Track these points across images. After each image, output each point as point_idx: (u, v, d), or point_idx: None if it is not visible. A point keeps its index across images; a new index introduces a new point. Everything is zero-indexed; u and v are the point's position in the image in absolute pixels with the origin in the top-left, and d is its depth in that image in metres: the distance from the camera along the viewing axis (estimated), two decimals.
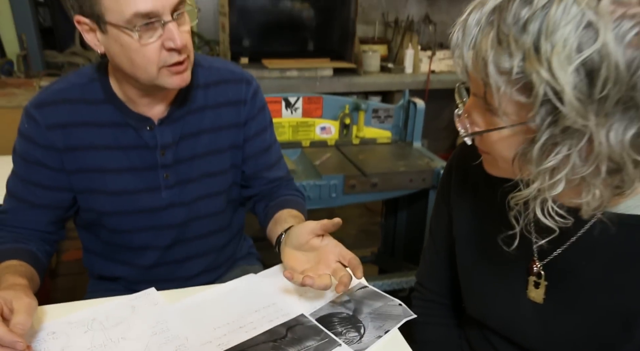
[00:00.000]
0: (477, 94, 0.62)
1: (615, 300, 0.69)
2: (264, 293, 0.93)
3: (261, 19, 3.17)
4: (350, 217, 3.23)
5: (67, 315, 0.87)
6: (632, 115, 0.52)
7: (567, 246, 0.72)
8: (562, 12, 0.50)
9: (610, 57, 0.49)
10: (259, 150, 1.11)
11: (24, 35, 3.01)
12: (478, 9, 0.57)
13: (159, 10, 0.81)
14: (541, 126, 0.55)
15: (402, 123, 2.18)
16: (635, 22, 0.50)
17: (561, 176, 0.56)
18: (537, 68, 0.52)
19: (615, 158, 0.54)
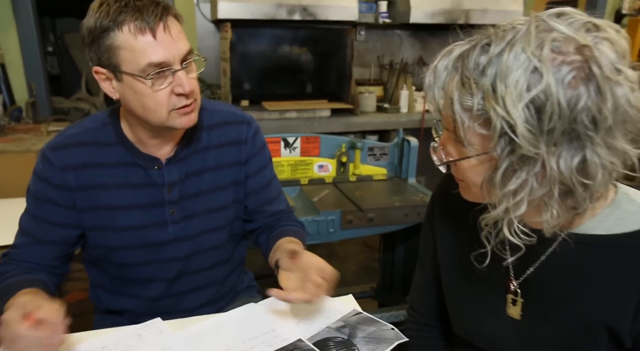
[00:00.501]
0: (448, 129, 0.71)
1: (580, 313, 0.75)
2: (264, 320, 0.98)
3: (261, 63, 3.32)
4: (350, 254, 3.27)
5: (77, 344, 0.91)
6: (576, 145, 0.61)
7: (537, 265, 0.78)
8: (513, 58, 0.60)
9: (553, 96, 0.58)
10: (260, 185, 1.18)
11: (34, 83, 3.14)
12: (446, 56, 0.67)
13: (169, 61, 0.91)
14: (501, 155, 0.63)
15: (397, 161, 2.26)
16: (572, 67, 0.59)
17: (522, 197, 0.64)
18: (494, 105, 0.61)
19: (566, 182, 0.62)
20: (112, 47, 0.90)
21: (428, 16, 3.21)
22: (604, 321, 0.73)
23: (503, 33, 0.63)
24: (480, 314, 0.87)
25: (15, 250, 1.07)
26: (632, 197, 0.75)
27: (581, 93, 0.59)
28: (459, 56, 0.66)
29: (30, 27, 3.01)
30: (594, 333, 0.74)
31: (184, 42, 0.94)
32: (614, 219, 0.73)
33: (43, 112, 3.15)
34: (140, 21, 0.89)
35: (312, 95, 3.42)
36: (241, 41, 3.19)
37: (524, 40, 0.61)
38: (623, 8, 4.09)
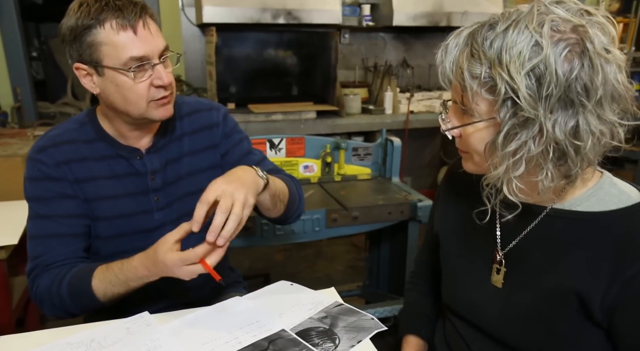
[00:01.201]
0: (456, 100, 0.79)
1: (554, 281, 0.81)
2: (249, 312, 1.02)
3: (247, 66, 3.35)
4: (338, 254, 3.30)
5: (67, 336, 0.94)
6: (570, 112, 0.70)
7: (522, 236, 0.86)
8: (517, 33, 0.70)
9: (551, 66, 0.68)
10: (241, 155, 1.23)
11: (19, 88, 3.14)
12: (456, 36, 0.77)
13: (149, 55, 0.99)
14: (504, 118, 0.72)
15: (381, 160, 2.30)
16: (568, 43, 0.68)
17: (521, 157, 0.72)
18: (500, 72, 0.70)
19: (560, 144, 0.71)
20: (94, 44, 0.96)
21: (411, 19, 3.27)
22: (575, 289, 0.78)
23: (509, 14, 0.73)
24: (467, 281, 0.94)
25: (42, 257, 1.06)
26: (614, 181, 0.83)
27: (575, 65, 0.68)
28: (469, 34, 0.75)
29: (14, 32, 3.02)
30: (564, 299, 0.80)
31: (161, 39, 1.02)
32: (595, 199, 0.80)
33: (29, 117, 3.16)
34: (122, 19, 0.95)
35: (298, 97, 3.46)
36: (226, 45, 3.23)
37: (527, 19, 0.70)
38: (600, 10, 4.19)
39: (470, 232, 0.93)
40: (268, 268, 3.01)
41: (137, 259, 0.98)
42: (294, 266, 3.12)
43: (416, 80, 3.72)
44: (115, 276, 1.00)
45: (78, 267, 1.05)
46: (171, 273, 0.93)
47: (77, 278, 1.02)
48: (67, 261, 1.07)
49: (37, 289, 1.06)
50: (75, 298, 1.02)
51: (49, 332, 0.97)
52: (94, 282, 1.01)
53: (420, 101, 3.53)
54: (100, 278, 1.01)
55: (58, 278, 1.03)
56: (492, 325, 0.90)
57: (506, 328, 0.88)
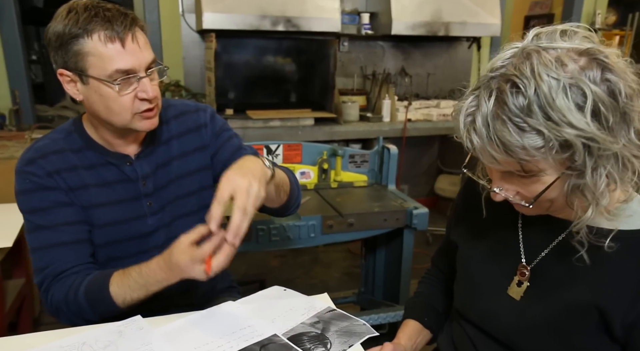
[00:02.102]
0: (512, 171, 0.75)
1: (578, 296, 0.81)
2: (241, 316, 1.02)
3: (245, 73, 3.37)
4: (334, 261, 3.30)
5: (59, 339, 0.94)
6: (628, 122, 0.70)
7: (547, 251, 0.86)
8: (548, 89, 0.67)
9: (601, 97, 0.67)
10: (232, 151, 1.22)
11: (17, 91, 3.14)
12: (477, 112, 0.72)
13: (135, 68, 0.98)
14: (585, 163, 0.70)
15: (378, 168, 2.31)
16: (592, 68, 0.68)
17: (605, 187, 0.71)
18: (564, 131, 0.67)
19: (635, 153, 0.71)
20: (81, 53, 0.96)
21: (409, 28, 3.30)
22: (597, 304, 0.78)
23: (519, 71, 0.69)
24: (485, 290, 0.94)
25: (50, 268, 1.04)
26: None
27: (612, 81, 0.68)
28: (494, 108, 0.70)
29: (14, 35, 3.03)
30: (585, 314, 0.80)
31: (149, 51, 1.01)
32: (623, 217, 0.80)
33: (27, 120, 3.16)
34: (110, 31, 0.95)
35: (296, 104, 3.48)
36: (226, 51, 3.24)
37: (544, 67, 0.68)
38: (596, 23, 4.23)
39: (490, 243, 0.93)
40: (264, 274, 3.00)
41: (154, 263, 0.97)
42: (289, 272, 3.12)
43: (414, 88, 3.74)
44: (134, 281, 0.99)
45: (93, 274, 1.04)
46: (186, 274, 0.92)
47: (95, 285, 1.01)
48: (77, 268, 1.06)
49: (52, 299, 1.04)
50: (94, 305, 1.01)
51: (41, 335, 0.97)
52: (112, 288, 1.00)
53: (418, 109, 3.54)
54: (118, 284, 1.00)
55: (74, 287, 1.02)
56: (506, 334, 0.90)
57: (520, 338, 0.87)
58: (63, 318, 1.05)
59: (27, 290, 2.13)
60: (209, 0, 2.83)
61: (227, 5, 2.86)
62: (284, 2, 2.94)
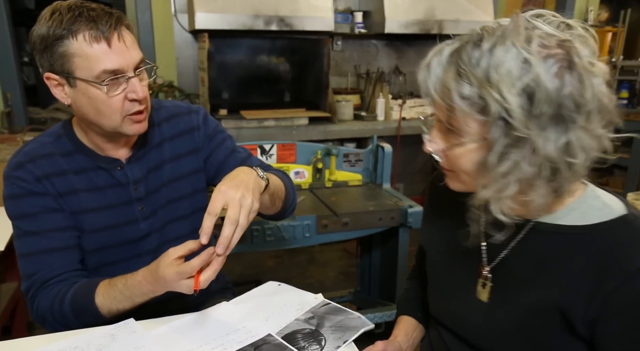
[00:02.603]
0: (442, 120, 0.77)
1: (538, 296, 0.80)
2: (235, 317, 1.01)
3: (239, 73, 3.35)
4: (330, 260, 3.30)
5: (50, 344, 0.93)
6: (562, 128, 0.68)
7: (507, 251, 0.85)
8: (504, 51, 0.68)
9: (542, 84, 0.66)
10: (226, 154, 1.21)
11: (9, 93, 3.12)
12: (438, 54, 0.75)
13: (123, 68, 0.96)
14: (496, 138, 0.70)
15: (372, 167, 2.30)
16: (557, 59, 0.67)
17: (512, 178, 0.71)
18: (491, 92, 0.68)
19: (553, 162, 0.70)
20: (66, 55, 0.93)
21: (402, 26, 3.29)
22: (557, 304, 0.78)
23: (493, 30, 0.71)
24: (454, 294, 0.94)
25: (37, 274, 1.03)
26: (598, 194, 0.81)
27: (566, 81, 0.67)
28: (452, 52, 0.73)
29: (5, 37, 3.00)
30: (547, 315, 0.80)
31: (137, 51, 0.99)
32: (579, 213, 0.79)
33: (19, 122, 3.13)
34: (95, 30, 0.92)
35: (290, 104, 3.47)
36: (219, 51, 3.23)
37: (512, 35, 0.68)
38: (589, 20, 4.24)
39: (456, 246, 0.91)
40: (259, 275, 3.00)
41: (140, 274, 0.96)
42: (285, 272, 3.11)
43: (408, 87, 3.74)
44: (120, 292, 0.98)
45: (79, 283, 1.03)
46: (172, 287, 0.91)
47: (80, 296, 1.00)
48: (64, 275, 1.04)
49: (37, 308, 1.03)
50: (78, 316, 1.00)
51: (34, 339, 0.96)
52: (98, 299, 0.99)
53: (412, 108, 3.54)
54: (103, 295, 0.99)
55: (60, 296, 1.01)
56: (477, 337, 0.90)
57: (490, 341, 0.87)
58: (49, 327, 1.04)
59: (20, 293, 2.11)
60: (201, 0, 2.82)
61: (220, 5, 2.85)
62: (276, 2, 2.93)
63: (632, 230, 0.75)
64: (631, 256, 0.73)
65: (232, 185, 0.89)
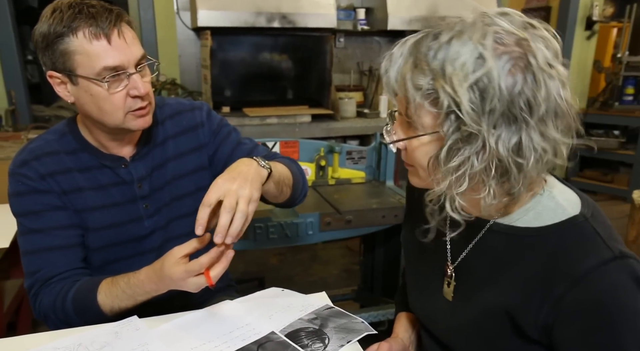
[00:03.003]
0: (401, 112, 0.77)
1: (492, 299, 0.80)
2: (238, 315, 1.01)
3: (241, 70, 3.35)
4: (333, 258, 3.30)
5: (54, 341, 0.93)
6: (513, 128, 0.68)
7: (468, 250, 0.85)
8: (461, 45, 0.68)
9: (494, 80, 0.66)
10: (232, 146, 1.21)
11: (13, 91, 3.13)
12: (402, 45, 0.75)
13: (124, 64, 0.96)
14: (447, 132, 0.70)
15: (375, 164, 2.30)
16: (511, 57, 0.67)
17: (463, 173, 0.70)
18: (443, 84, 0.68)
19: (502, 161, 0.69)
20: (67, 52, 0.94)
21: (405, 23, 3.28)
22: (506, 307, 0.77)
23: (453, 24, 0.71)
24: (424, 292, 0.94)
25: (40, 272, 1.04)
26: (554, 193, 0.79)
27: (518, 80, 0.66)
28: (414, 43, 0.73)
29: (9, 35, 3.01)
30: (497, 317, 0.79)
31: (138, 47, 0.98)
32: (533, 214, 0.78)
33: (23, 120, 3.15)
34: (95, 27, 0.92)
35: (293, 101, 3.46)
36: (221, 48, 3.22)
37: (471, 30, 0.68)
38: (593, 15, 4.22)
39: (424, 245, 0.90)
40: (262, 272, 3.00)
41: (144, 273, 0.96)
42: (289, 269, 3.12)
43: None
44: (122, 291, 0.98)
45: (81, 281, 1.03)
46: (178, 286, 0.91)
47: (82, 294, 1.00)
48: (67, 273, 1.04)
49: (40, 305, 1.03)
50: (80, 314, 1.00)
51: (38, 336, 0.96)
52: (100, 297, 0.99)
53: None
54: (106, 293, 0.99)
55: (62, 294, 1.01)
56: (444, 335, 0.90)
57: (455, 340, 0.88)
58: (51, 324, 1.05)
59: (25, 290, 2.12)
60: None
61: (222, 2, 2.84)
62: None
63: (579, 232, 0.74)
64: (577, 260, 0.72)
65: (228, 178, 0.90)
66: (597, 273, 0.70)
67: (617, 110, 4.17)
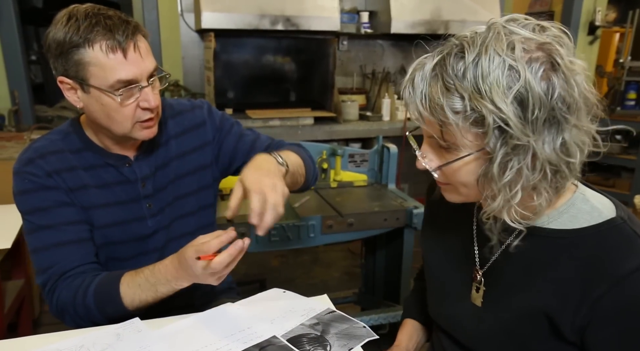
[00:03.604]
0: (433, 136, 0.75)
1: (528, 301, 0.80)
2: (240, 318, 1.01)
3: (245, 72, 3.35)
4: (334, 260, 3.30)
5: (56, 342, 0.93)
6: (556, 129, 0.69)
7: (498, 255, 0.85)
8: (489, 61, 0.67)
9: (533, 89, 0.66)
10: (236, 139, 1.23)
11: (16, 91, 3.14)
12: (420, 69, 0.74)
13: (137, 78, 0.97)
14: (495, 148, 0.70)
15: (377, 167, 2.30)
16: (540, 62, 0.67)
17: (517, 184, 0.71)
18: (484, 103, 0.67)
19: (553, 163, 0.70)
20: (82, 63, 0.94)
21: (409, 26, 3.29)
22: (545, 310, 0.77)
23: (472, 40, 0.70)
24: (450, 298, 0.93)
25: (54, 268, 1.03)
26: (588, 196, 0.80)
27: (554, 83, 0.67)
28: (435, 66, 0.72)
29: (13, 36, 3.02)
30: (535, 320, 0.79)
31: (151, 59, 0.99)
32: (568, 216, 0.78)
33: (26, 121, 3.15)
34: (112, 40, 0.93)
35: (296, 103, 3.47)
36: (225, 50, 3.23)
37: (494, 43, 0.68)
38: (596, 20, 4.22)
39: (451, 250, 0.91)
40: (264, 274, 3.00)
41: (168, 259, 0.97)
42: (290, 272, 3.11)
43: None
44: (145, 279, 0.98)
45: (103, 274, 1.03)
46: (190, 268, 0.90)
47: (105, 285, 1.00)
48: (83, 267, 1.04)
49: (57, 301, 1.02)
50: (102, 307, 1.00)
51: (39, 338, 0.96)
52: (122, 288, 0.99)
53: None
54: (128, 284, 0.99)
55: (83, 287, 1.01)
56: (471, 341, 0.89)
57: (484, 345, 0.87)
58: (68, 320, 1.04)
59: (26, 291, 2.13)
60: (207, 0, 2.82)
61: (226, 4, 2.85)
62: (283, 1, 2.93)
63: (619, 233, 0.75)
64: (618, 261, 0.72)
65: (262, 174, 0.93)
66: (638, 274, 0.71)
67: (619, 115, 4.16)
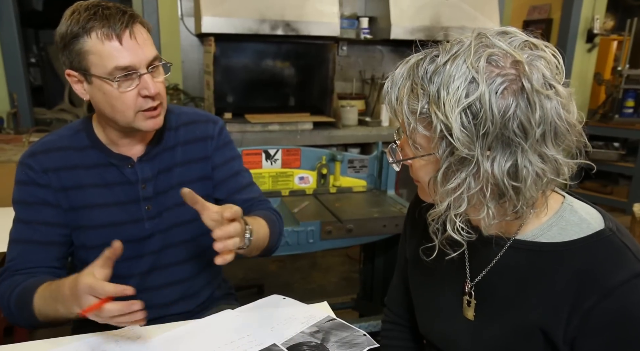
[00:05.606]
0: (405, 131, 0.76)
1: (520, 316, 0.79)
2: (240, 325, 1.01)
3: (244, 76, 3.35)
4: (332, 265, 3.29)
5: (54, 348, 0.93)
6: (508, 151, 0.67)
7: (489, 268, 0.83)
8: (455, 68, 0.67)
9: (486, 104, 0.65)
10: (228, 175, 1.23)
11: (15, 94, 3.13)
12: (403, 64, 0.75)
13: (135, 65, 0.98)
14: (442, 156, 0.70)
15: (377, 173, 2.30)
16: (505, 79, 0.65)
17: (461, 195, 0.70)
18: (435, 110, 0.68)
19: (498, 184, 0.68)
20: (82, 52, 0.97)
21: (408, 32, 3.29)
22: (540, 325, 0.77)
23: (450, 46, 0.70)
24: (440, 313, 0.92)
25: (12, 262, 1.06)
26: (576, 208, 0.80)
27: (510, 103, 0.65)
28: (412, 64, 0.73)
29: (12, 38, 3.02)
30: (530, 335, 0.78)
31: (150, 48, 1.01)
32: (557, 229, 0.78)
33: (25, 123, 3.14)
34: (107, 28, 0.95)
35: (295, 108, 3.47)
36: (225, 55, 3.23)
37: (466, 52, 0.67)
38: (594, 28, 4.24)
39: (441, 264, 0.88)
40: (262, 279, 2.99)
41: (71, 277, 0.92)
42: (288, 277, 3.11)
43: None
44: (50, 292, 0.95)
45: (35, 278, 1.02)
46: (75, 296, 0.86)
47: (26, 289, 1.00)
48: (35, 269, 1.05)
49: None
50: (20, 311, 1.00)
51: (35, 344, 0.96)
52: (35, 296, 0.98)
53: None
54: (40, 294, 0.97)
55: (12, 287, 1.02)
56: None
57: None
58: (4, 314, 1.04)
59: None
60: (208, 4, 2.83)
61: (226, 9, 2.85)
62: (283, 7, 2.94)
63: (609, 246, 0.74)
64: (609, 273, 0.71)
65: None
66: (629, 285, 0.70)
67: (617, 123, 4.18)
